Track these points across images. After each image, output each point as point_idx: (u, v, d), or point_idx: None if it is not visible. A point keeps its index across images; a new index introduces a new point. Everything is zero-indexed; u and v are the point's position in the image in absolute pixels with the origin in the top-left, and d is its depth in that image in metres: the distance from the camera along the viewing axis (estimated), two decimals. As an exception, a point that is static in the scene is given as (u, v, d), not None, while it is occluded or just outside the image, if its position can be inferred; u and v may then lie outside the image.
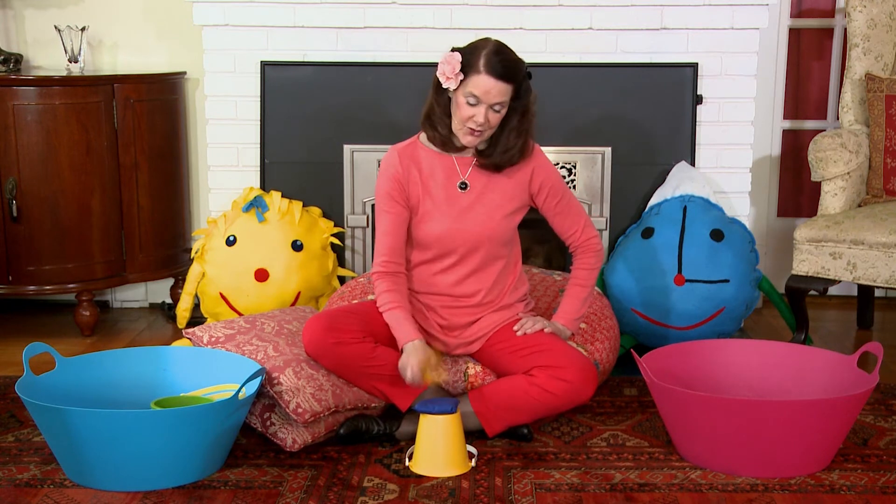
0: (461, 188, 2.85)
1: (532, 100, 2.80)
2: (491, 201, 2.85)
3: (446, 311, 2.91)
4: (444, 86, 2.74)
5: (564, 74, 3.81)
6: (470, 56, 2.71)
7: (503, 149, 2.81)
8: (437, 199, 2.85)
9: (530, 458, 2.74)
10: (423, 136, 2.89)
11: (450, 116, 2.79)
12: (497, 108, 2.72)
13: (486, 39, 2.75)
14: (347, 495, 2.52)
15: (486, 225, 2.84)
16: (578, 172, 3.82)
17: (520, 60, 2.75)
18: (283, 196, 3.77)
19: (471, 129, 2.74)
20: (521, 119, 2.79)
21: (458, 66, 2.70)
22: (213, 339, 2.97)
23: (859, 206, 3.73)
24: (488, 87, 2.68)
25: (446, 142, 2.83)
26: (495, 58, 2.69)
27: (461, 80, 2.71)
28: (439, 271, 2.89)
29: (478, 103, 2.70)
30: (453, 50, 2.74)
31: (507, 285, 2.94)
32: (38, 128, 3.67)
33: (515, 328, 2.87)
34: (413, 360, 2.71)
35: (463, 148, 2.83)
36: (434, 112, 2.82)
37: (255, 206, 3.70)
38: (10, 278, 3.75)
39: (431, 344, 2.93)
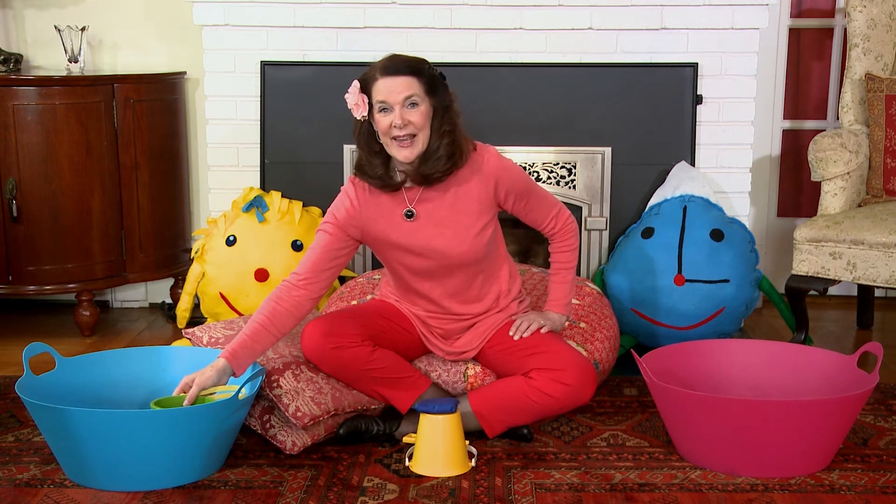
0: (407, 216, 2.73)
1: (452, 98, 2.69)
2: (457, 224, 2.74)
3: (441, 321, 2.89)
4: (358, 116, 2.65)
5: (564, 74, 3.81)
6: (366, 74, 2.65)
7: (427, 155, 2.65)
8: (397, 232, 2.75)
9: (530, 458, 2.74)
10: None
11: (378, 154, 2.69)
12: (410, 102, 2.60)
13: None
14: (347, 495, 2.52)
15: (457, 249, 2.74)
16: (578, 172, 3.82)
17: (418, 58, 2.67)
18: (283, 196, 3.77)
19: (396, 137, 2.61)
20: (442, 119, 2.65)
21: (358, 88, 2.64)
22: (213, 340, 2.97)
23: (859, 206, 3.73)
24: (390, 87, 2.59)
25: (385, 181, 2.71)
26: (387, 60, 2.63)
27: (367, 102, 2.63)
28: (422, 295, 2.85)
29: (390, 108, 2.61)
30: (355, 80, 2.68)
31: (500, 294, 2.89)
32: (38, 128, 3.67)
33: (511, 332, 2.82)
34: (199, 376, 2.57)
35: (404, 181, 2.71)
36: (361, 158, 2.72)
37: (255, 206, 3.70)
38: (10, 278, 3.76)
39: (431, 350, 2.93)
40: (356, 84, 2.65)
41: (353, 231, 2.77)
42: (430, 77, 2.65)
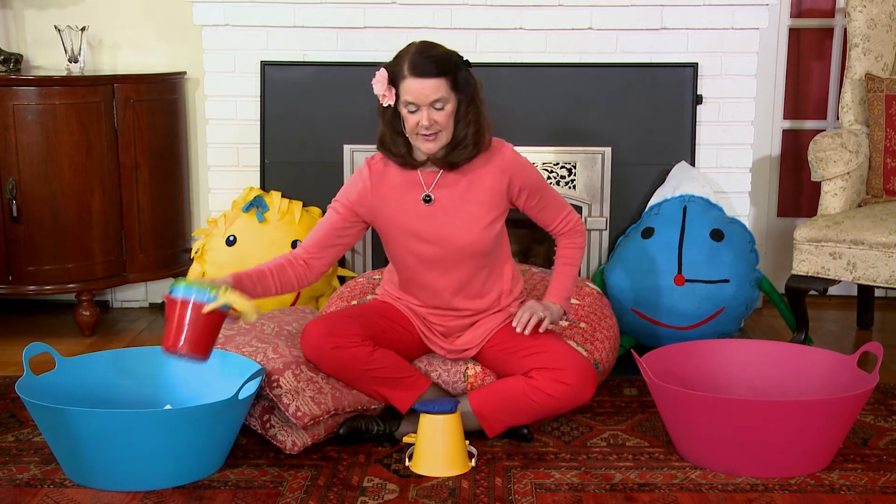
0: (425, 201, 2.78)
1: (477, 88, 2.73)
2: (468, 213, 2.77)
3: (442, 318, 2.90)
4: (384, 104, 2.69)
5: (564, 74, 3.81)
6: (395, 66, 2.66)
7: (453, 143, 2.71)
8: (409, 216, 2.78)
9: (530, 458, 2.74)
10: None
11: (402, 134, 2.73)
12: (438, 105, 2.64)
13: (411, 43, 2.69)
14: (347, 495, 2.52)
15: (466, 238, 2.77)
16: (578, 172, 3.82)
17: (447, 53, 2.68)
18: (283, 196, 3.77)
19: (422, 135, 2.67)
20: (468, 109, 2.69)
21: (387, 80, 2.66)
22: (213, 339, 2.97)
23: (859, 206, 3.73)
24: (419, 89, 2.62)
25: (406, 160, 2.76)
26: (418, 58, 2.63)
27: (395, 93, 2.66)
28: (424, 287, 2.86)
29: (417, 109, 2.64)
30: (383, 66, 2.69)
31: (503, 292, 2.90)
32: (38, 128, 3.67)
33: (514, 324, 2.78)
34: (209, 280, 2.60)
35: (425, 161, 2.76)
36: (385, 135, 2.76)
37: (255, 206, 3.70)
38: (10, 278, 3.75)
39: (431, 349, 2.93)
40: (385, 74, 2.66)
41: (363, 212, 2.80)
42: (458, 73, 2.67)
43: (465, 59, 2.71)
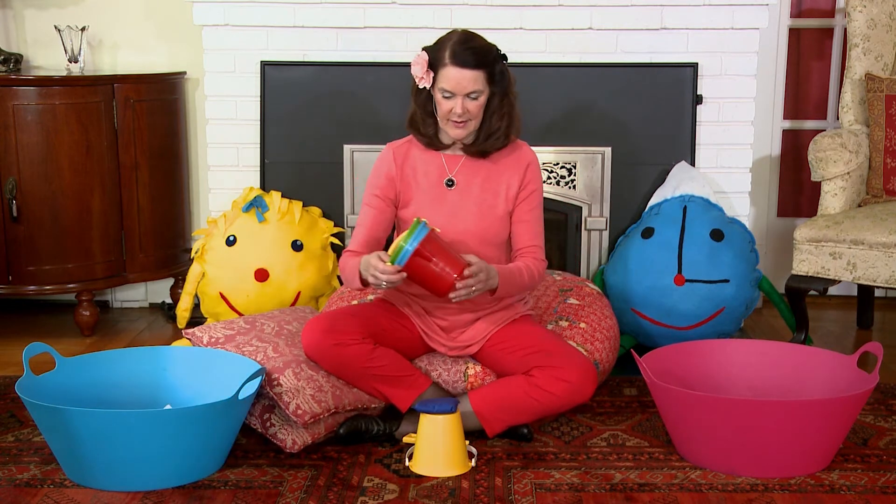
0: (448, 185, 2.86)
1: (511, 82, 2.81)
2: (484, 201, 2.85)
3: (444, 311, 2.90)
4: (420, 86, 2.78)
5: (564, 74, 3.81)
6: (436, 52, 2.74)
7: (486, 133, 2.81)
8: (428, 198, 2.85)
9: (530, 458, 2.74)
10: None
11: (432, 115, 2.82)
12: (473, 96, 2.73)
13: (453, 31, 2.78)
14: (347, 495, 2.52)
15: (479, 224, 2.83)
16: (578, 172, 3.82)
17: (487, 46, 2.76)
18: (283, 196, 3.77)
19: (454, 121, 2.76)
20: (501, 102, 2.79)
21: (426, 64, 2.74)
22: (212, 340, 2.97)
23: (859, 206, 3.73)
24: (458, 79, 2.70)
25: (433, 141, 2.86)
26: (460, 48, 2.71)
27: (433, 77, 2.74)
28: None
29: (452, 96, 2.72)
30: (423, 49, 2.77)
31: None
32: (38, 128, 3.67)
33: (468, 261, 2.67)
34: (373, 260, 2.61)
35: (451, 144, 2.85)
36: (416, 114, 2.85)
37: (255, 206, 3.70)
38: (10, 278, 3.75)
39: (432, 346, 2.93)
40: (425, 58, 2.74)
41: (394, 196, 2.88)
42: (495, 66, 2.76)
43: (503, 53, 2.79)
